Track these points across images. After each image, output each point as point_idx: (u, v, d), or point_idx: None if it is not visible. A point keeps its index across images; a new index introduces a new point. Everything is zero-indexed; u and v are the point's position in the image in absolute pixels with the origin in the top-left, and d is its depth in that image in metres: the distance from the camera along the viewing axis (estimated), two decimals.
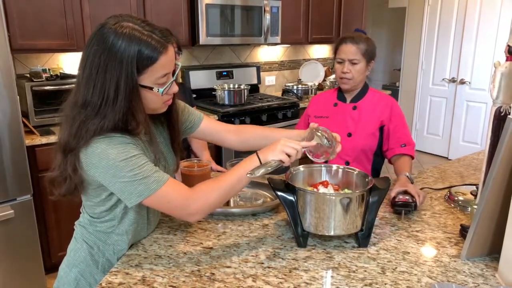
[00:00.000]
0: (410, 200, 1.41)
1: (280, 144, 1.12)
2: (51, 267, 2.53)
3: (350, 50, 1.77)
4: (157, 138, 1.15)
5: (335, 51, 1.83)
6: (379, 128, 1.83)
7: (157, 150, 1.11)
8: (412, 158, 1.81)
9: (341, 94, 1.90)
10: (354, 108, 1.85)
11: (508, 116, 1.03)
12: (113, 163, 1.00)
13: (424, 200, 1.49)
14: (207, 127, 1.38)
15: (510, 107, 1.17)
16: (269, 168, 1.09)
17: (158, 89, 1.04)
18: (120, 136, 1.03)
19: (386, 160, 1.91)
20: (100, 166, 1.00)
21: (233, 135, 1.41)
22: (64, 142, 1.03)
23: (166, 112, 1.17)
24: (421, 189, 1.69)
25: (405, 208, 1.40)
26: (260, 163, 1.10)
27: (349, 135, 1.82)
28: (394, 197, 1.45)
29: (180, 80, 3.36)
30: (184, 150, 1.79)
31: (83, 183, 1.07)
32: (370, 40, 1.81)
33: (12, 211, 2.22)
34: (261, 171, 1.08)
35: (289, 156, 1.11)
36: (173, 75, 1.08)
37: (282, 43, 3.74)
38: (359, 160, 1.82)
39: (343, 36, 1.84)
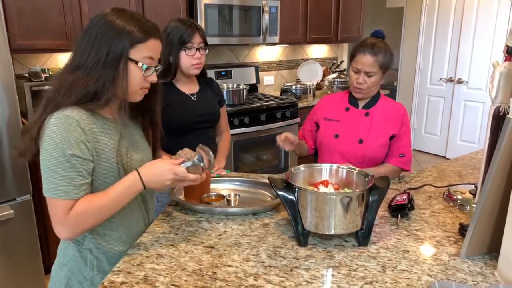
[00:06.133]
0: (406, 201, 1.42)
1: (169, 179, 1.15)
2: (51, 267, 2.51)
3: (367, 62, 1.69)
4: (128, 125, 1.20)
5: (352, 57, 1.75)
6: (389, 138, 1.81)
7: (126, 136, 1.19)
8: (404, 170, 1.84)
9: (353, 99, 1.85)
10: (367, 114, 1.81)
11: (507, 115, 1.04)
12: (50, 148, 1.05)
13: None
14: None
15: (508, 106, 1.19)
16: None
17: (143, 65, 1.13)
18: (76, 121, 1.06)
19: None
20: (44, 142, 1.06)
21: None
22: (50, 97, 1.10)
23: (151, 110, 1.28)
24: (422, 186, 1.71)
25: (401, 212, 1.40)
26: (143, 183, 1.13)
27: (361, 141, 1.79)
28: (391, 200, 1.46)
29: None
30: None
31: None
32: (388, 48, 1.72)
33: (12, 211, 2.22)
34: None
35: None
36: (156, 66, 1.18)
37: (280, 43, 3.74)
38: (368, 167, 1.80)
39: (362, 44, 1.73)
